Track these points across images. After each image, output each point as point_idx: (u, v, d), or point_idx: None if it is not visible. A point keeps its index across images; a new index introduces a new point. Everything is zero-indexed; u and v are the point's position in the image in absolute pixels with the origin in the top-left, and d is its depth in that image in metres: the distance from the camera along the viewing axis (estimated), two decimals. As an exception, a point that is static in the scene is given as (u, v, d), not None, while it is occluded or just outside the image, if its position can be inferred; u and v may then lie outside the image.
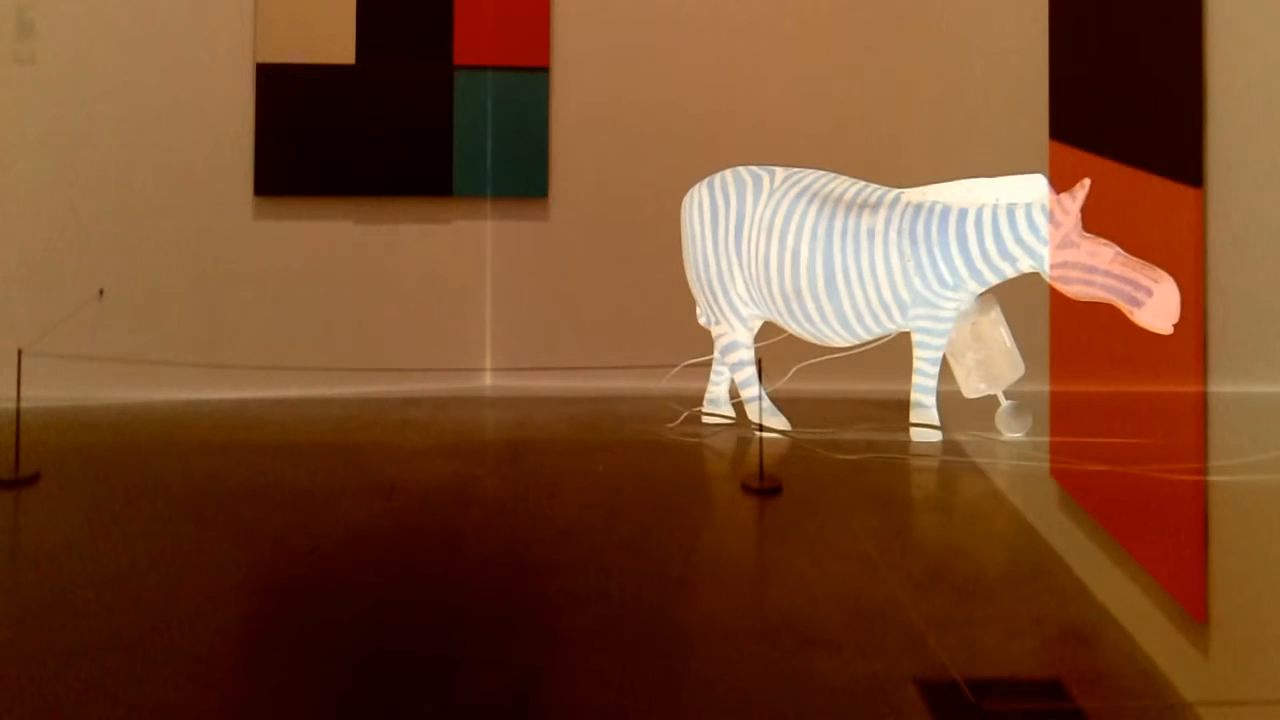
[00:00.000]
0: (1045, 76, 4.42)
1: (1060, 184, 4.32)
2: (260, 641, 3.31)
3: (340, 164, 5.46)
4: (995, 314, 4.70)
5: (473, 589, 3.57)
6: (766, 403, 4.83)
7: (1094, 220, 4.19)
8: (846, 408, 4.87)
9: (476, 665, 3.03)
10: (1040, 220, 4.44)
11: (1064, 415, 4.37)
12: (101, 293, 5.33)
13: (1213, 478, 3.19)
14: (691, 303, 5.19)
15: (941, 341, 4.69)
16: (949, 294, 4.61)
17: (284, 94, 5.43)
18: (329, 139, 5.45)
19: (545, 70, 5.52)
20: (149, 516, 4.03)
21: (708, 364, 5.00)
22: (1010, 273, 4.53)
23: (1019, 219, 4.46)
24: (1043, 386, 4.57)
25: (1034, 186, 4.50)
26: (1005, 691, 2.93)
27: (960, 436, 4.66)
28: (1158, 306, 4.14)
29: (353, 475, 4.41)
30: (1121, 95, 3.87)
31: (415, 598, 3.46)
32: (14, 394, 4.33)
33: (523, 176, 5.53)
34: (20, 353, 4.38)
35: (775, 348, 4.89)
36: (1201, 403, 3.28)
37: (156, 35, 5.41)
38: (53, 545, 3.81)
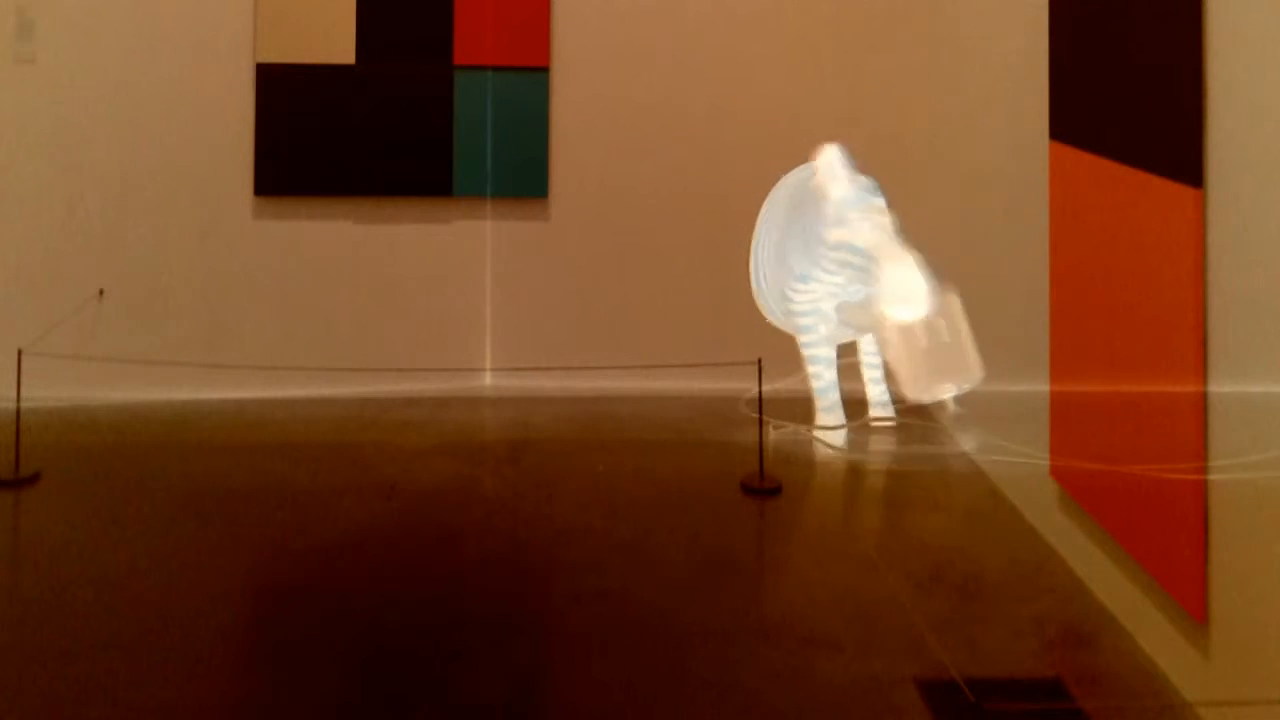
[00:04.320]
0: (1045, 76, 4.41)
1: (1061, 184, 4.29)
2: (260, 642, 3.32)
3: (340, 164, 5.46)
4: (950, 308, 4.30)
5: (472, 589, 3.58)
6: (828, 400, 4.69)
7: (1094, 220, 4.16)
8: (846, 408, 4.85)
9: (476, 665, 3.03)
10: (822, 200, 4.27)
11: (1064, 415, 4.36)
12: (101, 293, 5.33)
13: (1213, 477, 3.18)
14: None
15: (808, 338, 4.48)
16: (800, 287, 4.44)
17: (284, 94, 5.43)
18: (329, 139, 5.45)
19: (545, 70, 5.52)
20: (149, 516, 4.03)
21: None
22: (841, 256, 4.31)
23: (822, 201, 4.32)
24: (1042, 386, 4.55)
25: (824, 162, 4.30)
26: (1005, 691, 2.93)
27: (962, 439, 4.65)
28: (888, 293, 4.03)
29: (353, 475, 4.42)
30: (1121, 95, 3.86)
31: (415, 598, 3.47)
32: (14, 394, 4.33)
33: (523, 176, 5.52)
34: (20, 353, 4.39)
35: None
36: (1201, 403, 3.27)
37: (156, 35, 5.41)
38: (53, 545, 3.82)
